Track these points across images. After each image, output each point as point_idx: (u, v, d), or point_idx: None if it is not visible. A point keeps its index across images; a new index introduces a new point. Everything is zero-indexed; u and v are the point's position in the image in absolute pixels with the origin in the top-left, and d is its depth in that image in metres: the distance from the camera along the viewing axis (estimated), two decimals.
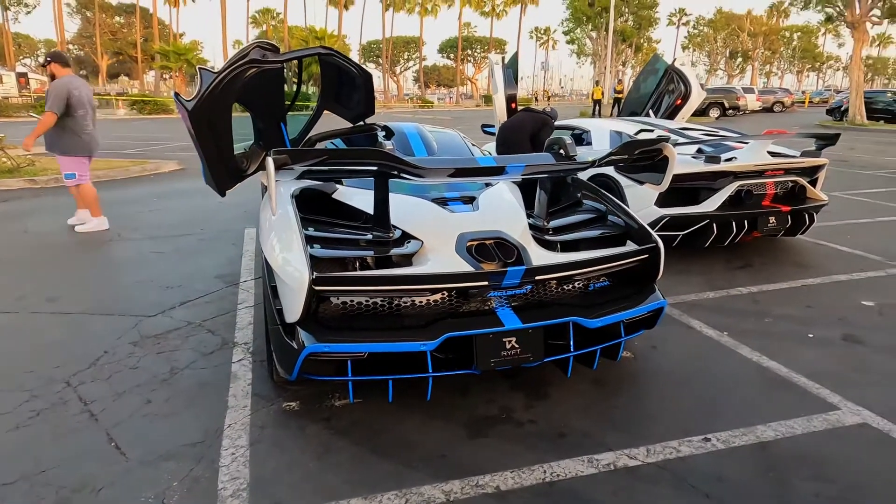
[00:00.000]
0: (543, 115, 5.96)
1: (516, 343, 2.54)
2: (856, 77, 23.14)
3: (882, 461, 2.37)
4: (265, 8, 68.25)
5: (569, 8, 39.85)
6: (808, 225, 5.12)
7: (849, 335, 3.56)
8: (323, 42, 38.37)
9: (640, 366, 3.19)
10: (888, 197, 8.14)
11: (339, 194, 3.36)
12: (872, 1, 21.76)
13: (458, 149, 4.05)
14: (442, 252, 2.64)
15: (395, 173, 2.50)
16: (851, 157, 12.70)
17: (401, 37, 75.94)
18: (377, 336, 2.42)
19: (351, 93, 4.57)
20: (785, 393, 2.90)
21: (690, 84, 7.27)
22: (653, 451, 2.42)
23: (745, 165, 4.80)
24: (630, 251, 2.83)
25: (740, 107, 30.29)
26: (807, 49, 71.65)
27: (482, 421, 2.65)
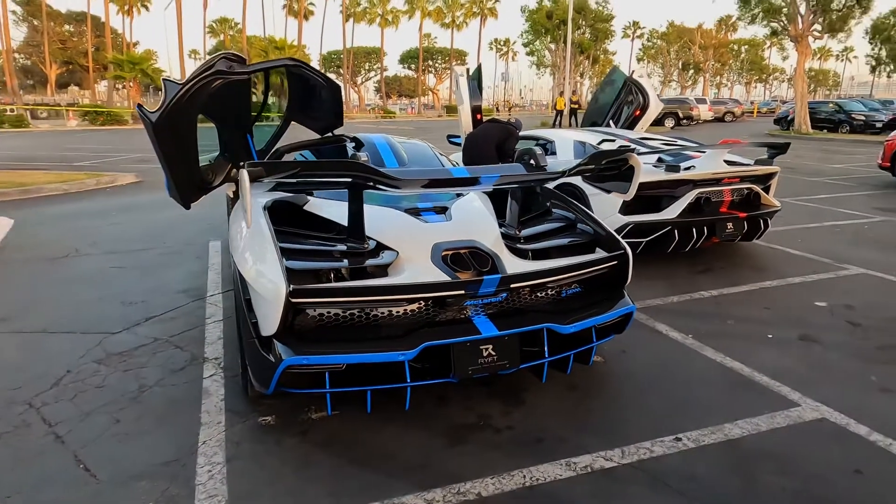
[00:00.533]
0: (508, 125, 6.07)
1: (493, 350, 2.58)
2: (800, 88, 24.24)
3: (840, 453, 2.49)
4: (222, 17, 67.35)
5: (528, 20, 40.61)
6: (763, 230, 5.35)
7: (805, 335, 3.73)
8: (283, 52, 38.06)
9: (611, 369, 3.27)
10: (833, 202, 8.55)
11: (311, 206, 3.35)
12: (814, 17, 22.88)
13: (427, 159, 4.09)
14: (418, 262, 2.66)
15: (370, 185, 2.52)
16: (799, 165, 13.28)
17: (362, 47, 75.86)
18: (355, 347, 2.43)
19: (319, 104, 4.57)
20: (748, 392, 3.02)
21: (648, 95, 7.51)
22: (627, 452, 2.49)
23: (704, 174, 4.99)
24: (600, 258, 2.91)
25: (694, 117, 31.36)
26: (754, 61, 74.73)
27: (461, 429, 2.68)
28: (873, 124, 23.76)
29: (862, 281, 4.86)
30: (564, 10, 32.79)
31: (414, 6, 63.57)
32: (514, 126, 6.16)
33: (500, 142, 6.09)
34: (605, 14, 42.29)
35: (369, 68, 79.52)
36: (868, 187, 10.03)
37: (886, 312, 4.10)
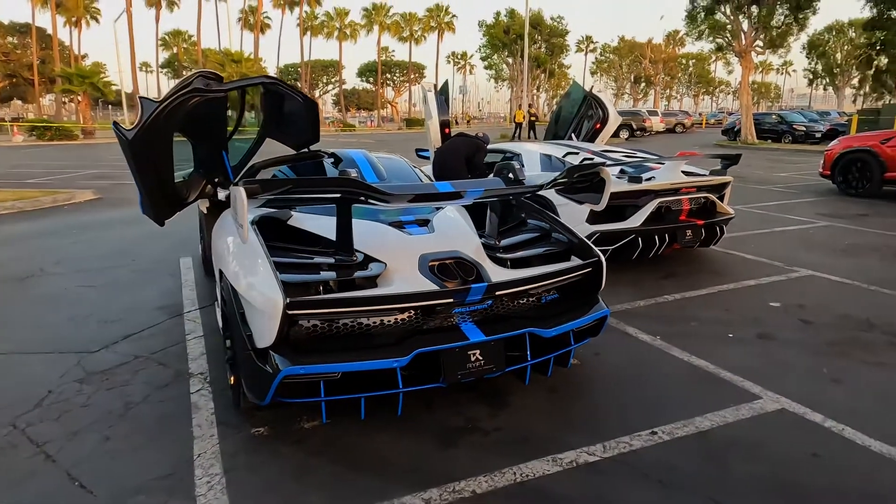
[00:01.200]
0: (477, 139, 6.26)
1: (480, 355, 2.71)
2: (745, 101, 25.45)
3: (800, 439, 2.71)
4: (176, 30, 66.11)
5: (485, 35, 41.38)
6: (719, 236, 5.68)
7: (762, 333, 4.00)
8: (239, 65, 37.62)
9: (587, 371, 3.45)
10: (780, 209, 9.06)
11: (295, 221, 3.43)
12: (755, 33, 24.13)
13: (406, 174, 4.22)
14: (406, 273, 2.78)
15: (361, 199, 2.63)
16: (748, 174, 13.95)
17: (319, 60, 75.64)
18: (350, 356, 2.52)
19: (295, 120, 4.64)
20: (714, 387, 3.24)
21: (608, 109, 7.84)
22: (608, 446, 2.65)
23: (664, 184, 5.27)
24: (576, 265, 3.09)
25: (647, 128, 32.51)
26: (701, 75, 77.87)
27: (451, 432, 2.79)
28: (813, 134, 25.13)
29: (811, 282, 5.21)
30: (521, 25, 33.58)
31: (372, 20, 63.96)
32: (483, 140, 6.36)
33: (469, 155, 6.29)
34: (560, 29, 43.44)
35: (327, 81, 79.28)
36: (811, 194, 10.64)
37: (834, 310, 4.42)
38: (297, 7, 60.59)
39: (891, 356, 3.61)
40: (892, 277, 5.27)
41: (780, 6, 23.10)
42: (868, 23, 21.81)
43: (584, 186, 3.29)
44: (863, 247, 6.50)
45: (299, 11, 60.59)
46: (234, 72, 36.50)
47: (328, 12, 64.85)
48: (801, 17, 23.26)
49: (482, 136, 6.41)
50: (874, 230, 7.38)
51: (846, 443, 2.69)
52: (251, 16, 59.05)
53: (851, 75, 49.22)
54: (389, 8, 63.95)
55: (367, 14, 64.06)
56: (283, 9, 61.10)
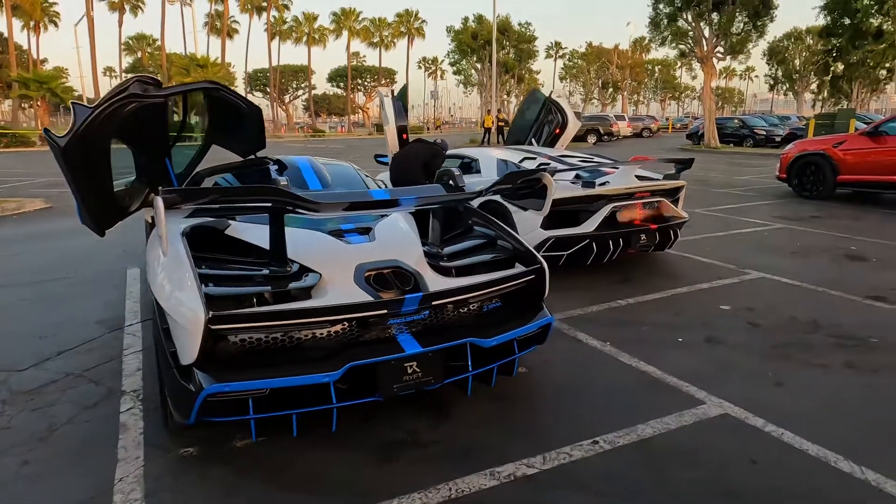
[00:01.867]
0: (435, 145, 6.21)
1: (417, 367, 2.64)
2: (708, 105, 26.00)
3: (740, 445, 2.71)
4: (140, 34, 64.74)
5: (454, 41, 41.52)
6: (673, 240, 5.71)
7: (711, 337, 4.01)
8: (205, 70, 37.03)
9: (534, 379, 3.41)
10: (739, 212, 9.21)
11: (233, 230, 3.32)
12: (717, 40, 24.68)
13: (352, 181, 4.13)
14: (341, 283, 2.70)
15: (289, 209, 2.54)
16: (709, 178, 14.21)
17: (289, 65, 74.92)
18: (278, 371, 2.42)
19: (240, 127, 4.52)
20: (660, 393, 3.22)
21: (567, 114, 7.87)
22: (548, 457, 2.60)
23: (617, 189, 5.29)
24: (518, 273, 3.05)
25: (614, 133, 32.98)
26: (667, 80, 79.47)
27: (389, 446, 2.71)
28: (773, 138, 25.79)
29: (761, 284, 5.27)
30: (489, 30, 33.76)
31: (341, 25, 63.67)
32: (441, 147, 6.31)
33: (427, 161, 6.22)
34: (528, 35, 43.83)
35: (297, 87, 78.60)
36: (769, 197, 10.87)
37: (781, 313, 4.47)
38: (265, 12, 59.93)
39: (833, 357, 3.65)
40: (839, 278, 5.37)
41: (739, 14, 23.66)
42: (823, 30, 22.48)
43: (527, 192, 3.25)
44: (814, 248, 6.63)
45: (267, 16, 59.94)
46: (198, 76, 35.91)
47: (296, 17, 64.49)
48: (760, 24, 23.87)
49: (440, 143, 6.36)
50: (825, 232, 7.54)
51: (784, 447, 2.69)
52: (218, 20, 58.20)
53: (810, 81, 50.75)
54: (359, 13, 63.80)
55: (336, 19, 63.74)
56: (251, 13, 60.39)
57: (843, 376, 3.41)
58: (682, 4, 24.01)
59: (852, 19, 19.27)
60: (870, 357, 3.66)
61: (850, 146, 9.98)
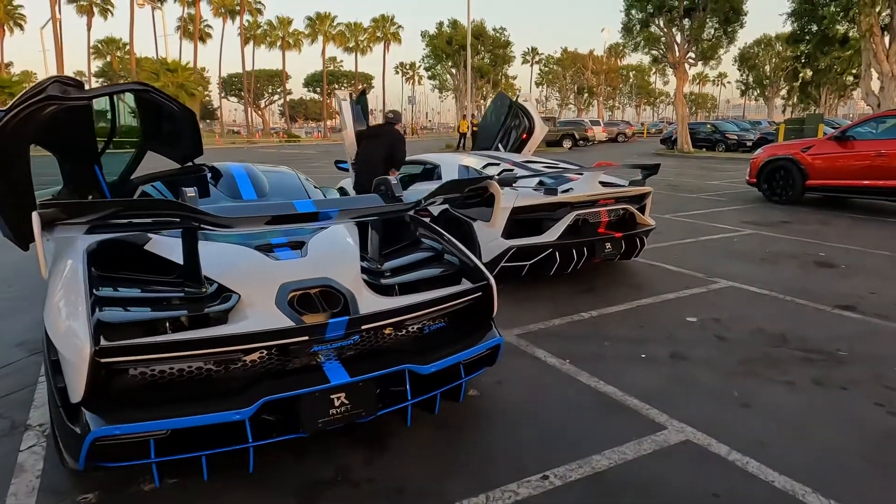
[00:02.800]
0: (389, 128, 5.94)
1: (346, 399, 2.37)
2: (681, 111, 26.18)
3: (699, 476, 2.48)
4: (109, 37, 63.41)
5: (428, 45, 41.36)
6: (639, 248, 5.52)
7: (675, 352, 3.81)
8: (176, 74, 36.29)
9: (484, 404, 3.15)
10: (708, 217, 9.11)
11: (155, 245, 3.00)
12: (688, 45, 24.87)
13: (291, 189, 3.85)
14: (261, 306, 2.41)
15: (195, 226, 2.26)
16: (680, 183, 14.18)
17: (264, 70, 74.14)
18: (181, 409, 2.13)
19: (175, 132, 4.21)
20: (618, 417, 2.99)
21: (534, 119, 7.68)
22: (492, 497, 2.35)
23: (580, 196, 5.08)
24: (461, 290, 2.79)
25: (589, 138, 33.10)
26: (641, 86, 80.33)
27: (315, 485, 2.43)
28: (745, 143, 26.04)
29: (730, 294, 5.10)
30: (463, 35, 33.66)
31: (316, 30, 63.16)
32: (392, 122, 6.07)
33: (389, 155, 5.99)
34: (503, 40, 43.88)
35: (273, 91, 77.81)
36: (739, 202, 10.81)
37: (749, 324, 4.30)
38: (239, 16, 59.15)
39: (800, 373, 3.47)
40: (808, 287, 5.23)
41: (709, 20, 23.88)
42: (790, 36, 22.79)
43: (475, 202, 3.01)
44: (782, 255, 6.51)
45: (240, 20, 59.15)
46: (168, 81, 35.20)
47: (270, 21, 63.65)
48: (730, 31, 24.11)
49: (392, 117, 6.13)
50: (794, 237, 7.45)
51: (749, 479, 2.47)
52: (190, 24, 57.25)
53: (780, 86, 51.64)
54: (334, 18, 63.30)
55: (311, 23, 63.18)
56: (225, 17, 59.54)
57: (811, 394, 3.23)
58: (654, 10, 24.15)
59: (819, 26, 19.51)
60: (838, 372, 3.48)
61: (818, 151, 9.97)
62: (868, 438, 2.78)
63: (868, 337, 4.07)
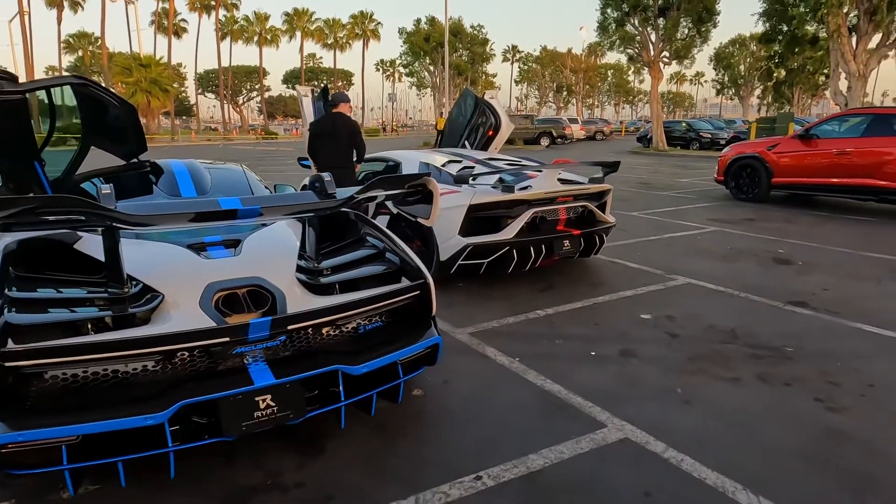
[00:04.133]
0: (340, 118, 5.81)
1: (272, 401, 2.31)
2: (655, 109, 26.41)
3: (634, 475, 2.47)
4: (81, 31, 62.07)
5: (406, 43, 41.19)
6: (598, 246, 5.52)
7: (625, 350, 3.80)
8: (148, 70, 35.64)
9: (427, 404, 3.11)
10: (675, 215, 9.18)
11: (85, 244, 2.90)
12: (663, 44, 25.09)
13: (236, 186, 3.76)
14: (184, 306, 2.34)
15: (107, 224, 2.18)
16: (653, 180, 14.28)
17: (242, 66, 73.28)
18: (92, 414, 2.05)
19: (118, 128, 4.09)
20: (560, 416, 2.97)
21: (500, 116, 7.65)
22: (422, 499, 2.31)
23: (538, 193, 5.06)
24: (397, 289, 2.74)
25: (567, 136, 33.22)
26: (619, 84, 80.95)
27: (242, 492, 2.37)
28: (718, 141, 26.38)
29: (686, 291, 5.13)
30: (441, 33, 33.57)
31: (294, 26, 62.56)
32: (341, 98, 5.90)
33: (350, 145, 5.89)
34: (481, 38, 43.87)
35: (251, 88, 76.98)
36: (707, 199, 10.92)
37: (702, 321, 4.31)
38: (214, 11, 58.32)
39: (746, 370, 3.49)
40: (763, 283, 5.28)
41: (683, 19, 24.11)
42: (762, 36, 23.10)
43: (416, 199, 2.96)
44: (743, 252, 6.57)
45: (216, 15, 58.32)
46: (142, 76, 34.56)
47: (247, 16, 62.80)
48: (703, 30, 24.37)
49: (340, 96, 5.99)
50: (757, 234, 7.53)
51: (682, 477, 2.46)
52: (164, 19, 56.29)
53: (755, 86, 52.41)
54: (312, 14, 62.75)
55: (289, 19, 62.56)
56: (200, 12, 58.62)
57: (754, 391, 3.24)
58: (629, 9, 24.31)
59: (789, 26, 19.81)
60: (783, 368, 3.51)
61: (783, 149, 10.10)
62: (805, 434, 2.79)
63: (817, 333, 4.11)
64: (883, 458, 2.59)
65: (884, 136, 8.86)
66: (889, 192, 8.66)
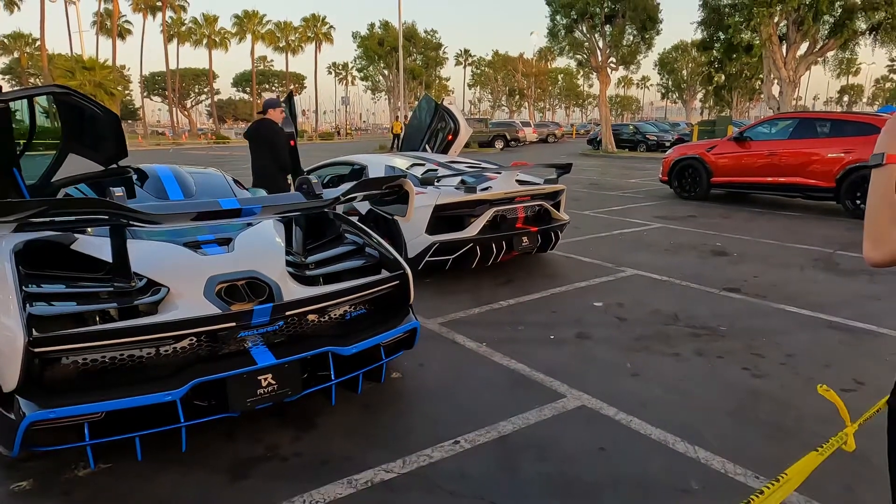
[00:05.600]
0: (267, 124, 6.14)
1: (273, 379, 2.59)
2: (604, 113, 27.44)
3: (590, 435, 2.86)
4: (17, 32, 59.34)
5: (360, 46, 41.29)
6: (554, 242, 5.97)
7: (581, 333, 4.22)
8: (93, 73, 34.54)
9: (406, 384, 3.44)
10: (624, 213, 9.77)
11: (81, 245, 3.10)
12: (610, 50, 26.11)
13: (218, 189, 3.99)
14: (189, 297, 2.59)
15: (125, 223, 2.42)
16: (602, 181, 14.96)
17: (190, 69, 71.51)
18: (114, 392, 2.29)
19: (98, 135, 4.25)
20: (526, 390, 3.35)
21: (458, 121, 8.02)
22: (408, 461, 2.63)
23: (498, 193, 5.45)
24: (379, 279, 3.06)
25: (520, 138, 34.01)
26: (570, 88, 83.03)
27: (245, 462, 2.63)
28: (664, 143, 27.56)
29: (634, 281, 5.61)
30: (395, 37, 33.86)
31: (244, 28, 61.56)
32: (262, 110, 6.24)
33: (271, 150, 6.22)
34: (434, 42, 44.37)
35: (200, 91, 75.20)
36: (653, 199, 11.60)
37: (647, 307, 4.78)
38: (160, 12, 56.83)
39: (685, 347, 3.95)
40: (702, 273, 5.82)
41: (628, 27, 25.16)
42: (700, 43, 24.36)
43: (392, 199, 3.28)
44: (685, 245, 7.15)
45: (162, 17, 56.85)
46: (85, 80, 33.47)
47: (195, 18, 61.54)
48: (648, 37, 25.50)
49: (269, 102, 6.33)
50: (697, 230, 8.16)
51: (631, 434, 2.87)
52: (107, 20, 54.49)
53: (697, 90, 54.73)
54: (263, 16, 61.89)
55: (239, 22, 61.54)
56: (145, 13, 57.05)
57: (692, 364, 3.70)
58: (577, 17, 25.19)
59: (725, 34, 21.02)
60: (716, 344, 3.99)
61: (720, 151, 10.86)
62: (733, 397, 3.25)
63: (746, 314, 4.64)
64: (796, 412, 3.07)
65: (809, 138, 9.70)
66: (814, 189, 9.48)
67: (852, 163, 8.89)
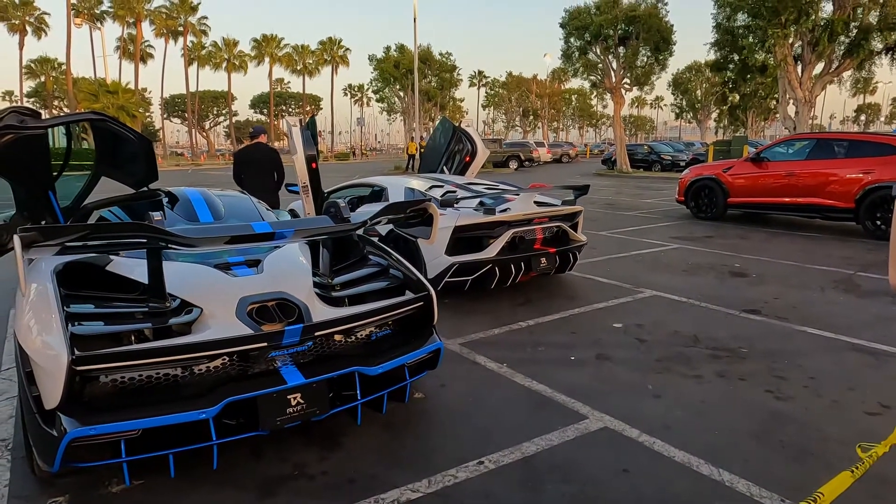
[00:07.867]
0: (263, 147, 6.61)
1: (301, 399, 2.65)
2: (619, 133, 27.54)
3: (613, 456, 2.87)
4: (43, 56, 61.11)
5: (376, 69, 41.96)
6: (572, 263, 6.00)
7: (600, 354, 4.24)
8: (116, 96, 35.42)
9: (428, 404, 3.47)
10: (639, 234, 9.78)
11: (115, 266, 3.21)
12: (623, 71, 26.29)
13: (246, 212, 4.10)
14: (222, 317, 2.67)
15: (164, 246, 2.52)
16: (618, 201, 14.99)
17: (209, 91, 73.05)
18: (150, 410, 2.36)
19: (130, 159, 4.40)
20: (547, 410, 3.37)
21: (476, 143, 8.13)
22: (433, 481, 2.66)
23: (517, 215, 5.52)
24: (404, 300, 3.12)
25: (534, 158, 34.20)
26: (583, 108, 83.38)
27: (274, 481, 2.69)
28: (679, 163, 27.56)
29: (653, 302, 5.62)
30: (410, 59, 34.37)
31: (263, 52, 62.88)
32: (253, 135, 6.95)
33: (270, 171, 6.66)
34: (449, 64, 44.95)
35: (218, 113, 76.65)
36: (669, 219, 11.60)
37: (667, 328, 4.79)
38: (182, 37, 58.28)
39: (707, 369, 3.95)
40: (721, 294, 5.81)
41: (642, 48, 25.35)
42: (714, 64, 24.43)
43: (416, 221, 3.36)
44: (703, 266, 7.14)
45: (184, 41, 58.30)
46: (108, 103, 34.33)
47: (216, 42, 63.01)
48: (661, 58, 25.66)
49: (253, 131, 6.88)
50: (714, 250, 8.14)
51: (654, 456, 2.88)
52: (130, 44, 55.99)
53: (711, 110, 54.68)
54: (281, 39, 63.24)
55: (258, 45, 62.91)
56: (167, 38, 58.55)
57: (713, 385, 3.70)
58: (591, 39, 25.46)
59: (739, 55, 21.09)
60: (738, 366, 3.98)
61: (736, 171, 10.86)
62: (756, 419, 3.25)
63: (767, 336, 4.62)
64: (819, 434, 3.06)
65: (827, 158, 9.68)
66: (833, 210, 9.44)
67: (872, 183, 8.86)
